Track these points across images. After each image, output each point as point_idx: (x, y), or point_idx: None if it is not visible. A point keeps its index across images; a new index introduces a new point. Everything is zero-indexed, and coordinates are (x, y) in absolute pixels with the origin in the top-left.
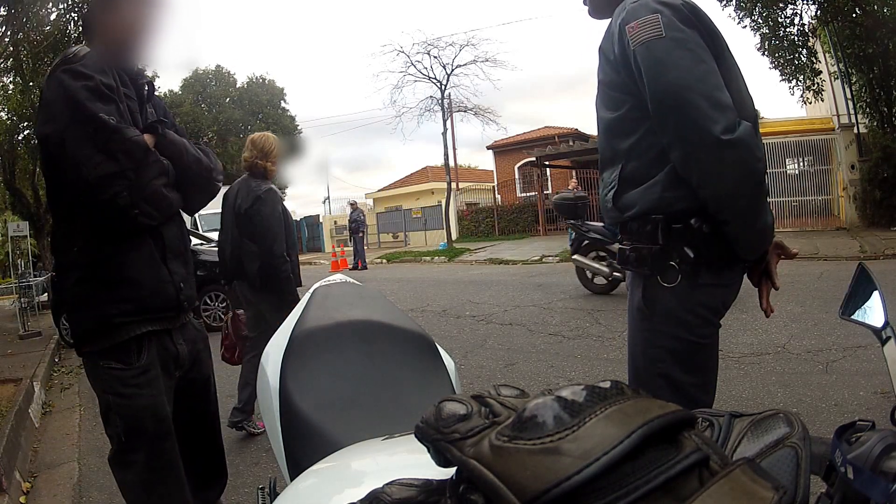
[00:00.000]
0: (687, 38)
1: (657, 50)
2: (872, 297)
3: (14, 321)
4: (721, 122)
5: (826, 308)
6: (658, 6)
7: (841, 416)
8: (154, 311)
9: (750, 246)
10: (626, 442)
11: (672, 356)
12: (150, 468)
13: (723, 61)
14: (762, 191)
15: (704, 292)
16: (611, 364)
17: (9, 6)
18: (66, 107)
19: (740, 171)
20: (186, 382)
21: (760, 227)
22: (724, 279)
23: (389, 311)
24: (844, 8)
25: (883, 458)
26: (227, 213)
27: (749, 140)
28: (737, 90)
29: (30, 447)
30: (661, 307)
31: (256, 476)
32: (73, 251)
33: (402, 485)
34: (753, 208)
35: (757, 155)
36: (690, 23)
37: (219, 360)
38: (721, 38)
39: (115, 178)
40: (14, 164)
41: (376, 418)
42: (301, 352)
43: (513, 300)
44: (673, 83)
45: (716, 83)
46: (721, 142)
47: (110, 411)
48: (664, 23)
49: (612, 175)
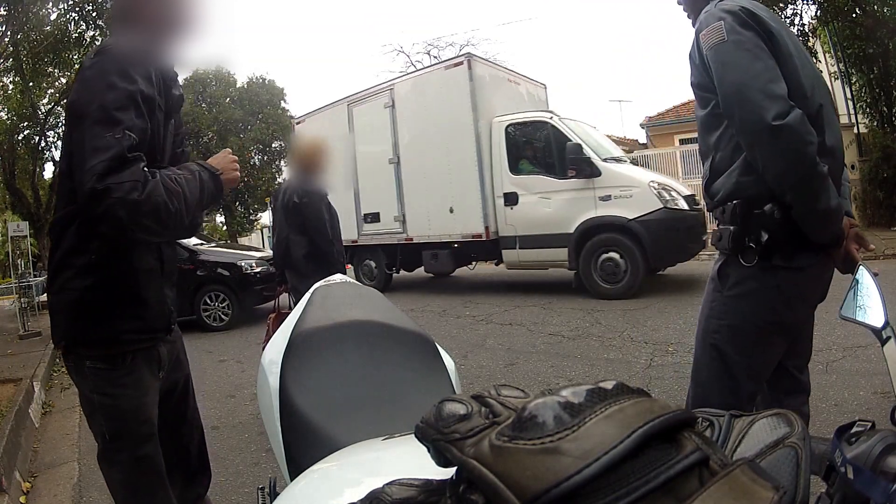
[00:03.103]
0: (745, 40)
1: (722, 53)
2: (872, 297)
3: (14, 321)
4: (773, 109)
5: (826, 308)
6: (722, 13)
7: (841, 416)
8: (153, 330)
9: (814, 228)
10: (627, 442)
11: (729, 330)
12: (132, 468)
13: (782, 57)
14: (816, 173)
15: (777, 276)
16: (611, 364)
17: (9, 6)
18: (97, 103)
19: (792, 153)
20: (170, 384)
21: (822, 208)
22: (796, 262)
23: (389, 311)
24: (844, 8)
25: (883, 458)
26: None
27: (797, 125)
28: (796, 82)
29: (30, 447)
30: (733, 283)
31: (256, 476)
32: (92, 257)
33: (402, 485)
34: (809, 188)
35: (806, 139)
36: (749, 25)
37: (216, 362)
38: (780, 36)
39: (109, 194)
40: (14, 164)
41: (376, 418)
42: (301, 352)
43: (513, 300)
44: (734, 81)
45: (770, 77)
46: (772, 127)
47: (95, 411)
48: (726, 28)
49: (706, 166)
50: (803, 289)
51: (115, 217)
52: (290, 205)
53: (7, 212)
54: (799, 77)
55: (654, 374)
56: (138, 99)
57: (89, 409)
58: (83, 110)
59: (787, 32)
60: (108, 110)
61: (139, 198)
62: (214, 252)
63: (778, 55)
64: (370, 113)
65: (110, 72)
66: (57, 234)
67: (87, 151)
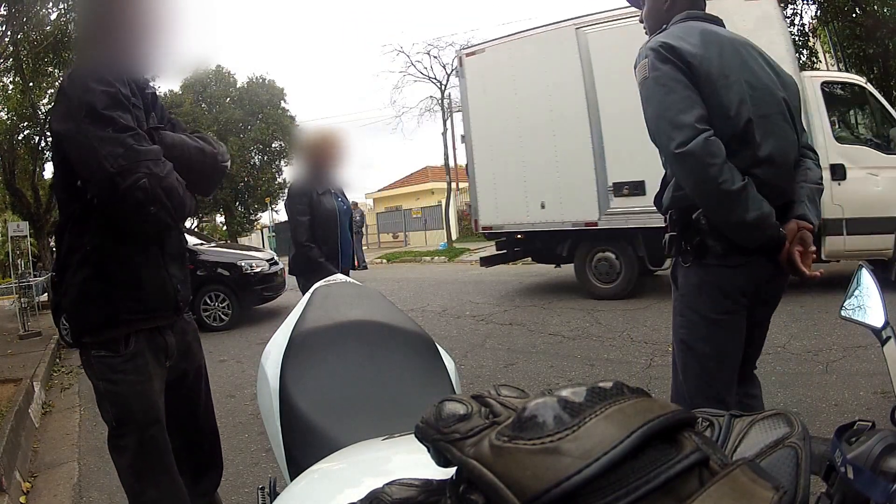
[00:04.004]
0: (661, 75)
1: (644, 88)
2: (872, 297)
3: (14, 321)
4: (677, 138)
5: (826, 308)
6: (648, 50)
7: (841, 416)
8: (154, 310)
9: (734, 236)
10: (627, 442)
11: (689, 325)
12: (139, 453)
13: (702, 82)
14: (720, 191)
15: (712, 273)
16: (611, 364)
17: (9, 6)
18: (85, 108)
19: (694, 175)
20: (180, 373)
21: (736, 220)
22: (729, 261)
23: (389, 311)
24: (844, 8)
25: (883, 458)
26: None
27: (698, 151)
28: (717, 104)
29: (30, 447)
30: (681, 283)
31: (256, 476)
32: (86, 249)
33: (402, 485)
34: (716, 204)
35: (707, 162)
36: (667, 60)
37: (216, 362)
38: (703, 62)
39: (138, 167)
40: (14, 164)
41: (376, 418)
42: (301, 352)
43: (513, 300)
44: (651, 114)
45: (680, 108)
46: (675, 154)
47: (103, 398)
48: (649, 66)
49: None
50: (741, 284)
51: (134, 200)
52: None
53: (7, 212)
54: (721, 98)
55: (654, 374)
56: (120, 98)
57: (98, 397)
58: (75, 117)
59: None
60: (97, 111)
61: (159, 174)
62: (214, 252)
63: (698, 82)
64: (617, 41)
65: (89, 80)
66: (58, 241)
67: (94, 148)
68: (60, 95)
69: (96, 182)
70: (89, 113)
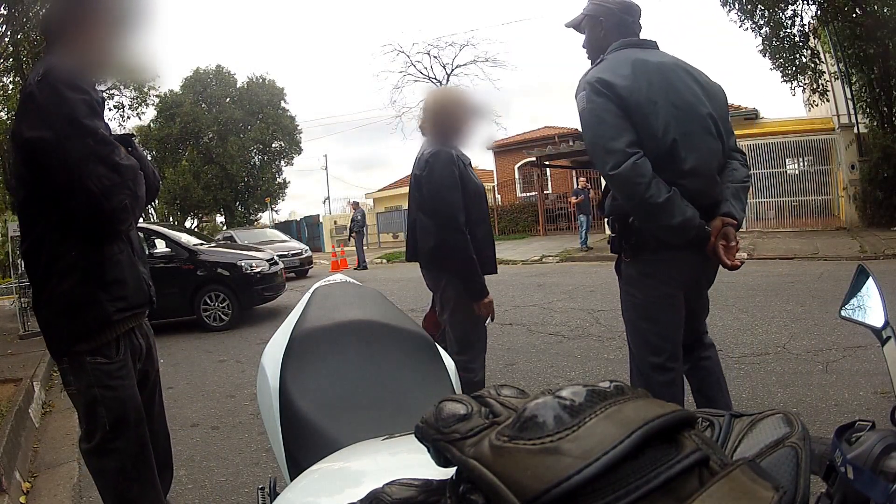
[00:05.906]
0: (595, 107)
1: (582, 118)
2: (872, 297)
3: (14, 321)
4: (610, 162)
5: (826, 308)
6: (585, 84)
7: (841, 416)
8: (136, 306)
9: (664, 237)
10: (627, 442)
11: (633, 308)
12: (128, 453)
13: (631, 111)
14: (648, 204)
15: (647, 265)
16: (611, 364)
17: (9, 6)
18: (64, 118)
19: (626, 192)
20: (141, 374)
21: (664, 225)
22: (661, 256)
23: (389, 311)
24: (844, 8)
25: (883, 458)
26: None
27: (627, 173)
28: (645, 128)
29: (30, 447)
30: (624, 274)
31: (256, 476)
32: (71, 255)
33: (402, 485)
34: (647, 214)
35: (636, 181)
36: (601, 93)
37: (216, 362)
38: (632, 94)
39: (121, 189)
40: None
41: (376, 418)
42: (301, 352)
43: (513, 300)
44: (588, 141)
45: (611, 136)
46: (609, 176)
47: (97, 405)
48: (586, 98)
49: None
50: (674, 272)
51: (123, 208)
52: (413, 179)
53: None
54: (650, 123)
55: None
56: (94, 104)
57: (90, 404)
58: (53, 126)
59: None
60: (79, 120)
61: (137, 193)
62: (214, 252)
63: (629, 111)
64: None
65: (61, 86)
66: (33, 260)
67: (77, 165)
68: (29, 100)
69: (79, 201)
70: (71, 123)
